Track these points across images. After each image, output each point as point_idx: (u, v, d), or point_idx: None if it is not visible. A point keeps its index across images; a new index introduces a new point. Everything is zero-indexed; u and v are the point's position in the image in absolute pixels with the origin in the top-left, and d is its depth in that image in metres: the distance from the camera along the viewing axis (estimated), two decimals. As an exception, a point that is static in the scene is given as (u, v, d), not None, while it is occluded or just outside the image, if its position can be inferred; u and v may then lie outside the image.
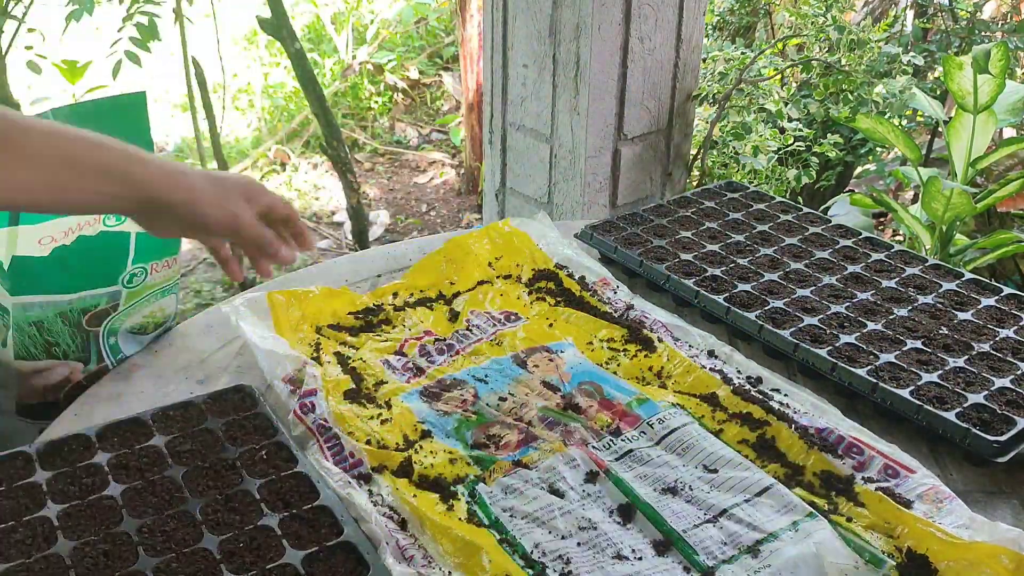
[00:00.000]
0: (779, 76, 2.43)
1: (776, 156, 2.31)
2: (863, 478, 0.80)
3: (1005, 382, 0.89)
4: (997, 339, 0.97)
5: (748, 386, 0.92)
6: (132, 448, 0.83)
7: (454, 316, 1.06)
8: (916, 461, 0.81)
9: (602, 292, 1.09)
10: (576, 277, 1.12)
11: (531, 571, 0.71)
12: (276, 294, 1.06)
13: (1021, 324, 1.00)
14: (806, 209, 1.27)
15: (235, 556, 0.72)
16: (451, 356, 0.98)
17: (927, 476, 0.79)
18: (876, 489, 0.78)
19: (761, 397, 0.90)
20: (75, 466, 0.81)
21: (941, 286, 1.07)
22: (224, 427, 0.86)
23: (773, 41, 2.85)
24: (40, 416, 0.97)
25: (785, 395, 0.91)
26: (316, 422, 0.87)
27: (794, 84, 2.58)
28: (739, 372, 0.95)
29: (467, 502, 0.78)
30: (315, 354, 0.99)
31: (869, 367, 0.91)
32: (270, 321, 1.03)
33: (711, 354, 0.98)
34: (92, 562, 0.71)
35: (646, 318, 1.04)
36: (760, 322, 0.99)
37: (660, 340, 0.99)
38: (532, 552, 0.72)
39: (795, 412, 0.87)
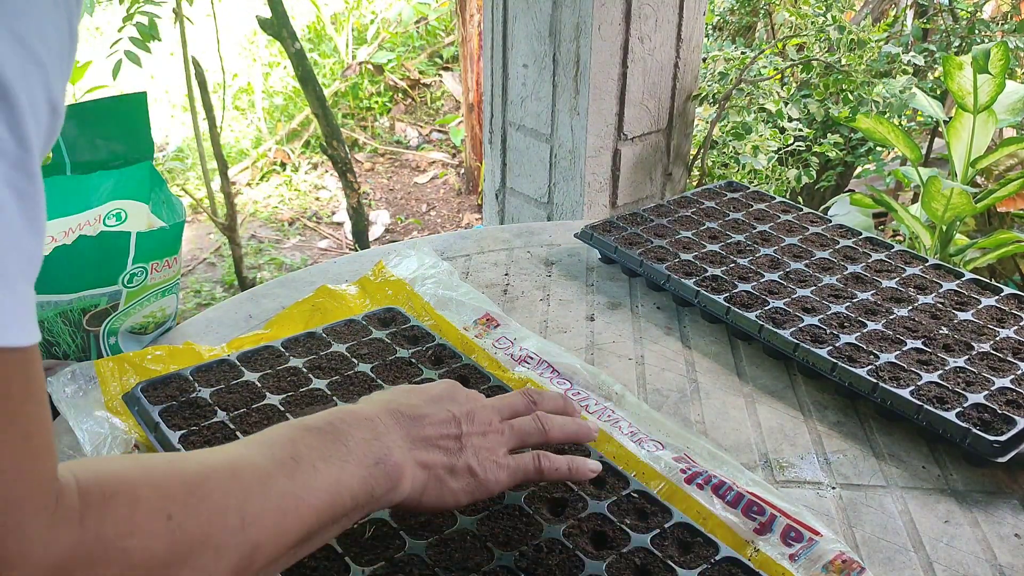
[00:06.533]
0: (779, 76, 2.43)
1: (776, 156, 2.31)
2: (764, 543, 0.71)
3: (1005, 382, 0.89)
4: (997, 339, 0.97)
5: (640, 435, 0.84)
6: (319, 353, 0.93)
7: None
8: (822, 523, 0.73)
9: (485, 332, 1.02)
10: (455, 319, 1.04)
11: None
12: (104, 362, 0.92)
13: (1021, 324, 1.00)
14: (806, 209, 1.27)
15: None
16: None
17: (833, 541, 0.71)
18: (779, 557, 0.70)
19: (652, 452, 0.82)
20: (276, 368, 0.90)
21: (941, 286, 1.07)
22: (389, 336, 0.97)
23: (773, 41, 2.85)
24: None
25: (679, 443, 0.83)
26: None
27: (794, 84, 2.58)
28: (629, 422, 0.87)
29: None
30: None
31: (869, 367, 0.91)
32: (99, 395, 0.88)
33: (602, 397, 0.91)
34: None
35: (531, 359, 0.97)
36: (760, 322, 0.99)
37: (545, 384, 0.92)
38: None
39: (690, 465, 0.80)
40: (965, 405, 0.85)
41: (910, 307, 1.02)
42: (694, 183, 2.27)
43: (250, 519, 0.46)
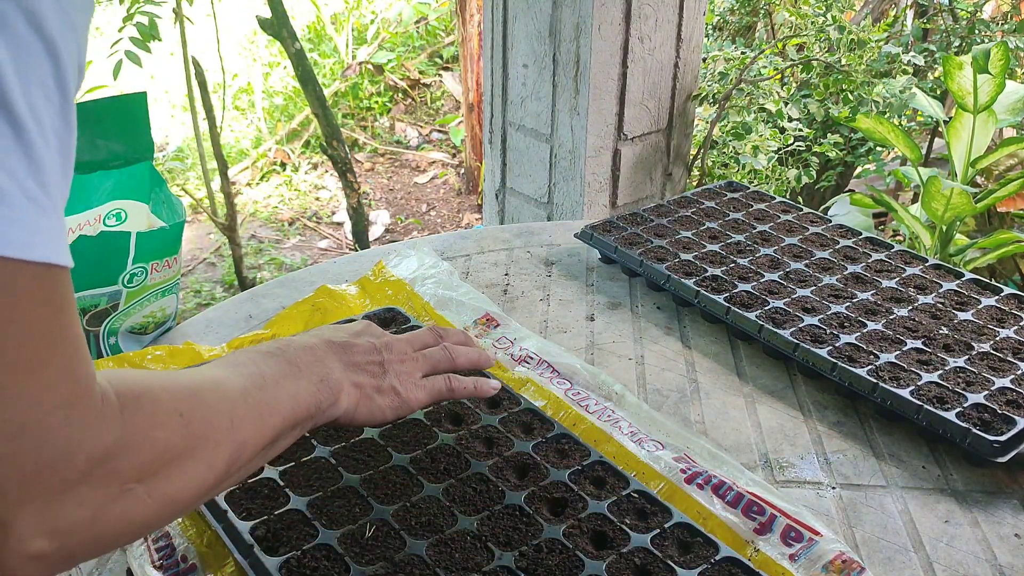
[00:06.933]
0: (779, 76, 2.43)
1: (776, 156, 2.32)
2: (765, 543, 0.71)
3: (1005, 382, 0.89)
4: (997, 339, 0.97)
5: (640, 435, 0.84)
6: None
7: None
8: (822, 523, 0.73)
9: (486, 332, 1.02)
10: (455, 319, 1.04)
11: None
12: (104, 362, 0.94)
13: (1021, 324, 1.00)
14: (806, 209, 1.27)
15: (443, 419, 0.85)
16: None
17: (833, 541, 0.71)
18: (779, 557, 0.70)
19: (652, 452, 0.82)
20: None
21: (941, 286, 1.07)
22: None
23: (773, 41, 2.85)
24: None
25: (679, 443, 0.83)
26: None
27: (794, 84, 2.58)
28: (629, 422, 0.87)
29: None
30: None
31: (869, 367, 0.91)
32: None
33: (602, 397, 0.90)
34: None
35: (531, 359, 0.97)
36: (760, 322, 0.99)
37: (545, 384, 0.92)
38: None
39: (690, 465, 0.80)
40: (965, 405, 0.85)
41: (910, 307, 1.02)
42: (694, 183, 2.27)
43: (237, 421, 0.55)
